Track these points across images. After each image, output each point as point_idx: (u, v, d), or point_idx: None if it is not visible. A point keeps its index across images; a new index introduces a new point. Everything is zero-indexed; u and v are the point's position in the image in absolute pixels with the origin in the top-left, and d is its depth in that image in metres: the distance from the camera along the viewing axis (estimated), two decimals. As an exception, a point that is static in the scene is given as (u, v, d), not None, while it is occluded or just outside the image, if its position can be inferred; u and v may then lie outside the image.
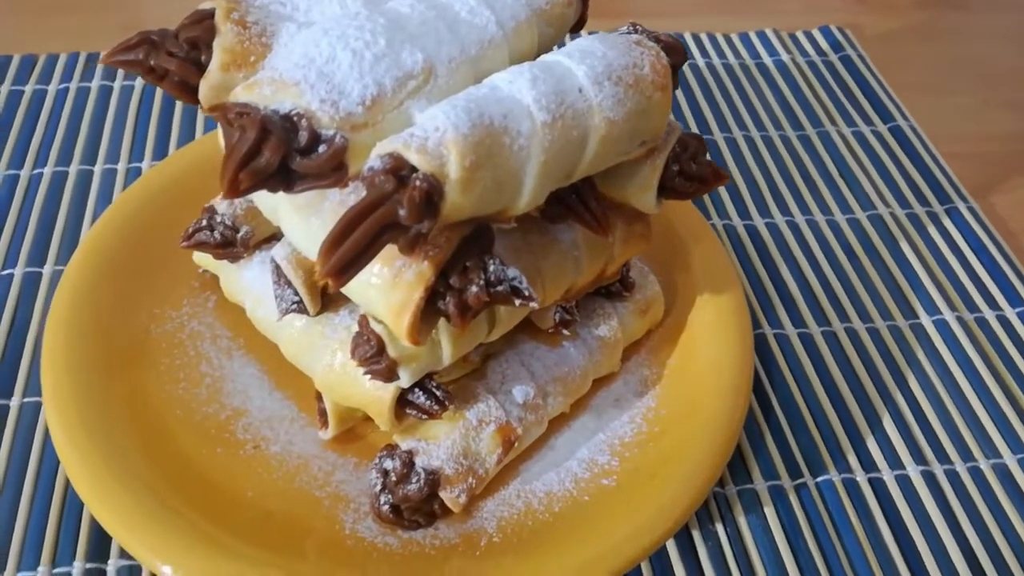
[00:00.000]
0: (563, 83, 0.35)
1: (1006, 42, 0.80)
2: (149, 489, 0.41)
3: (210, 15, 0.38)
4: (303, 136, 0.33)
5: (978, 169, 0.67)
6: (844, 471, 0.48)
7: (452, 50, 0.36)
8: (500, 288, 0.35)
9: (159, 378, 0.47)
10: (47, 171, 0.61)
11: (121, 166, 0.61)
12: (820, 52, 0.76)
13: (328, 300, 0.43)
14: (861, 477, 0.48)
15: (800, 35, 0.77)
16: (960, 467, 0.49)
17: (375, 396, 0.41)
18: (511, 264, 0.36)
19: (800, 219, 0.62)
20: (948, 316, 0.56)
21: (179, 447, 0.44)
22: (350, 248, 0.31)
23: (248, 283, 0.45)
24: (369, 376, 0.39)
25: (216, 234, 0.44)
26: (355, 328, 0.42)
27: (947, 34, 0.80)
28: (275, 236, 0.47)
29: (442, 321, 0.37)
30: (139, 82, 0.67)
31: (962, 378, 0.53)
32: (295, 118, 0.33)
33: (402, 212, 0.31)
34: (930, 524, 0.47)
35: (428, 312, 0.35)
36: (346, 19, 0.35)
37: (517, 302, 0.36)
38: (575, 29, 0.43)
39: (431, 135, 0.32)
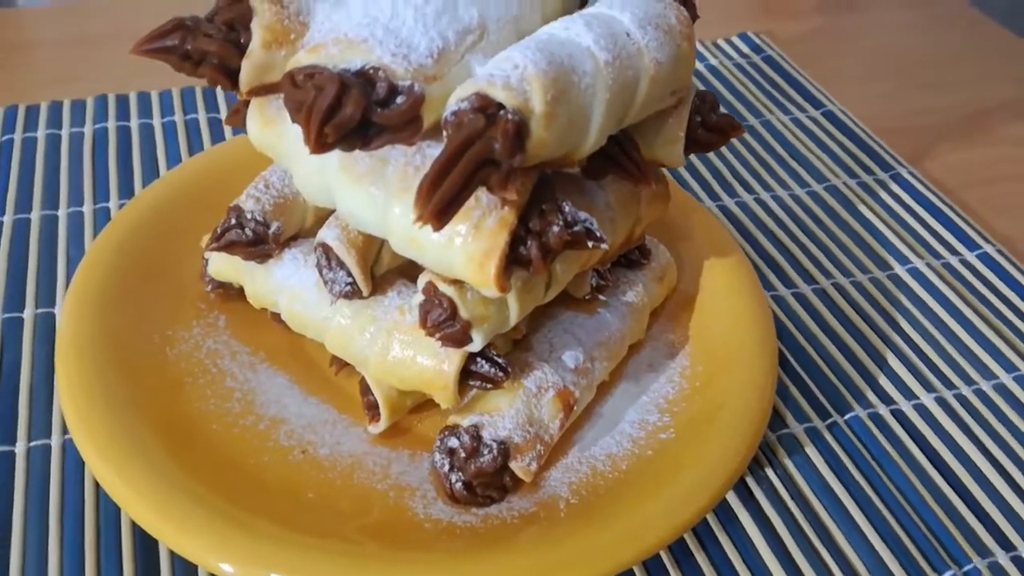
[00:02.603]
0: (612, 27, 0.36)
1: (903, 34, 0.88)
2: (210, 505, 0.39)
3: (243, -2, 0.37)
4: (381, 88, 0.33)
5: (906, 142, 0.72)
6: (867, 407, 0.51)
7: (498, 8, 0.37)
8: (577, 228, 0.36)
9: (187, 397, 0.45)
10: (7, 219, 0.57)
11: (87, 208, 0.58)
12: (743, 55, 0.81)
13: (375, 283, 0.42)
14: (883, 410, 0.51)
15: (722, 42, 0.82)
16: (966, 390, 0.52)
17: (436, 372, 0.41)
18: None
19: (765, 196, 0.65)
20: (919, 264, 0.61)
21: (226, 460, 0.42)
22: (448, 189, 0.31)
23: (281, 281, 0.44)
24: (440, 342, 0.39)
25: (247, 231, 0.43)
26: (409, 306, 0.42)
27: (849, 32, 0.88)
28: (300, 234, 0.46)
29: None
30: (89, 127, 0.65)
31: (945, 315, 0.57)
32: (370, 72, 0.33)
33: (497, 147, 0.31)
34: (954, 443, 0.49)
35: (508, 260, 0.35)
36: (400, -20, 0.36)
37: (590, 244, 0.36)
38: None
39: (511, 73, 0.32)
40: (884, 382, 0.52)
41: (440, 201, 0.31)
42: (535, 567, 0.38)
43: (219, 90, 0.69)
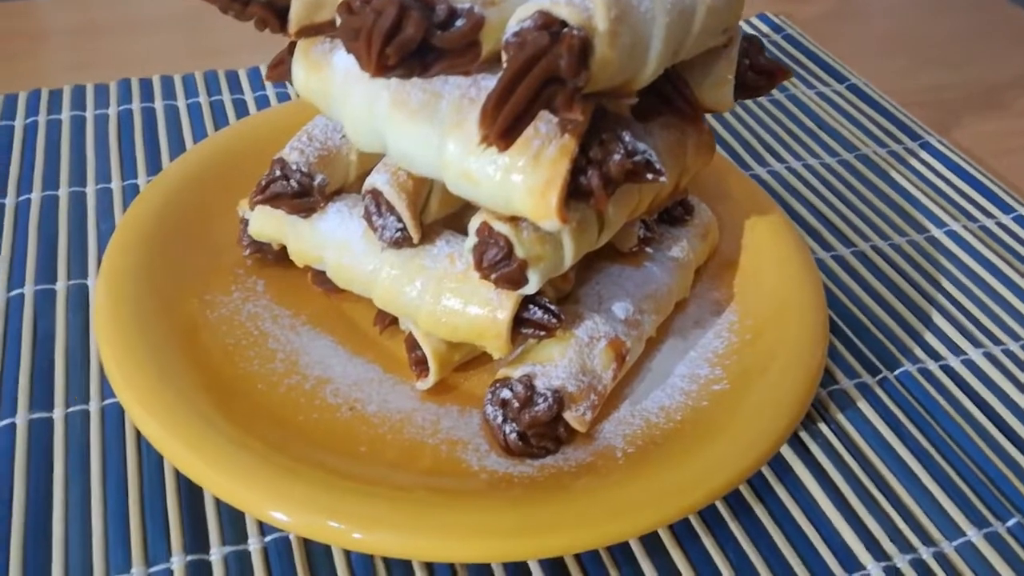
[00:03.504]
0: (668, -44, 0.36)
1: (914, 14, 0.88)
2: (260, 455, 0.38)
3: (291, -63, 0.37)
4: (441, 10, 0.32)
5: (931, 114, 0.72)
6: (916, 362, 0.50)
7: (550, -60, 0.36)
8: (638, 158, 0.35)
9: (229, 358, 0.44)
10: (35, 196, 0.56)
11: (115, 185, 0.58)
12: (763, 35, 0.81)
13: (424, 232, 0.41)
14: (933, 366, 0.50)
15: (742, 23, 0.82)
16: (1013, 345, 0.52)
17: (489, 320, 0.40)
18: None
19: (796, 165, 0.65)
20: (955, 226, 0.60)
21: (273, 416, 0.41)
22: (513, 107, 0.30)
23: (327, 234, 0.43)
24: (495, 284, 0.38)
25: (293, 183, 0.42)
26: (459, 253, 0.41)
27: (861, 13, 0.88)
28: (343, 189, 0.45)
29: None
30: (114, 109, 0.64)
31: (986, 274, 0.56)
32: (428, -5, 0.32)
33: (562, 63, 0.31)
34: (1006, 395, 0.49)
35: (569, 191, 0.35)
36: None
37: (649, 176, 0.36)
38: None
39: (574, -8, 0.32)
40: (931, 339, 0.52)
41: (505, 120, 0.30)
42: (600, 511, 0.37)
43: (242, 71, 0.69)
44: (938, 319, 0.53)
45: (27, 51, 0.73)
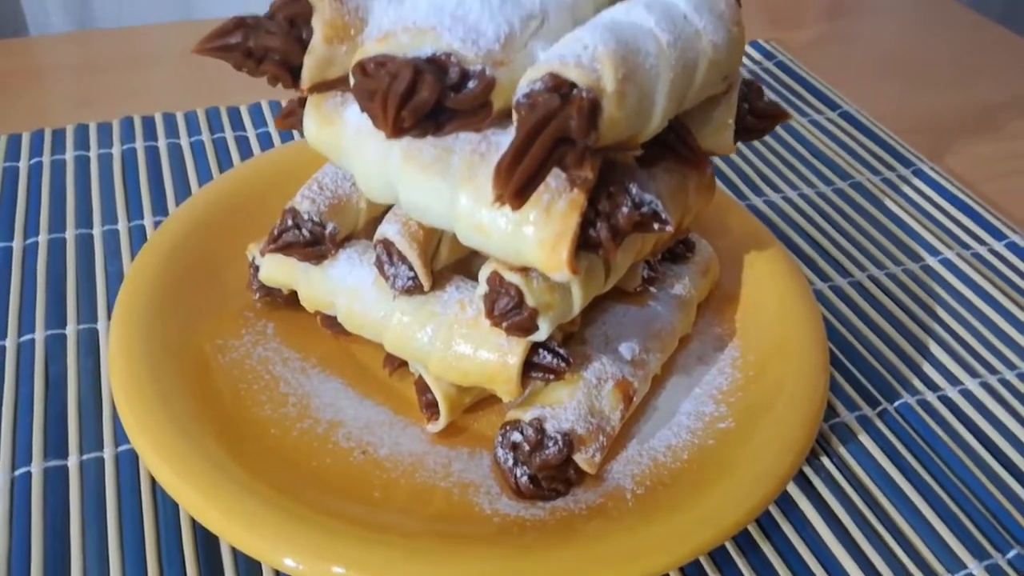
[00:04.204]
0: (671, 11, 0.37)
1: (903, 38, 0.90)
2: (274, 503, 0.38)
3: (302, -5, 0.38)
4: (454, 73, 0.33)
5: (920, 140, 0.73)
6: (915, 394, 0.51)
7: (556, -3, 0.37)
8: (645, 209, 0.36)
9: (241, 403, 0.44)
10: (42, 239, 0.57)
11: (122, 226, 0.58)
12: (755, 62, 0.82)
13: (434, 278, 0.42)
14: (931, 397, 0.51)
15: (733, 50, 0.83)
16: (1009, 375, 0.53)
17: (500, 365, 0.40)
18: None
19: (792, 194, 0.66)
20: (949, 255, 0.61)
21: (287, 462, 0.42)
22: (527, 168, 0.31)
23: (338, 281, 0.44)
24: (506, 332, 0.39)
25: (304, 232, 0.43)
26: (469, 299, 0.42)
27: (850, 38, 0.89)
28: (352, 236, 0.46)
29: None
30: (118, 148, 0.65)
31: (981, 303, 0.58)
32: (441, 58, 0.33)
33: (573, 124, 0.31)
34: (1003, 426, 0.50)
35: (579, 243, 0.35)
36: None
37: (656, 226, 0.37)
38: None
39: (582, 53, 0.33)
40: (928, 369, 0.53)
41: (519, 180, 0.31)
42: (611, 556, 0.37)
43: (244, 108, 0.69)
44: (935, 349, 0.54)
45: (26, 88, 0.74)
